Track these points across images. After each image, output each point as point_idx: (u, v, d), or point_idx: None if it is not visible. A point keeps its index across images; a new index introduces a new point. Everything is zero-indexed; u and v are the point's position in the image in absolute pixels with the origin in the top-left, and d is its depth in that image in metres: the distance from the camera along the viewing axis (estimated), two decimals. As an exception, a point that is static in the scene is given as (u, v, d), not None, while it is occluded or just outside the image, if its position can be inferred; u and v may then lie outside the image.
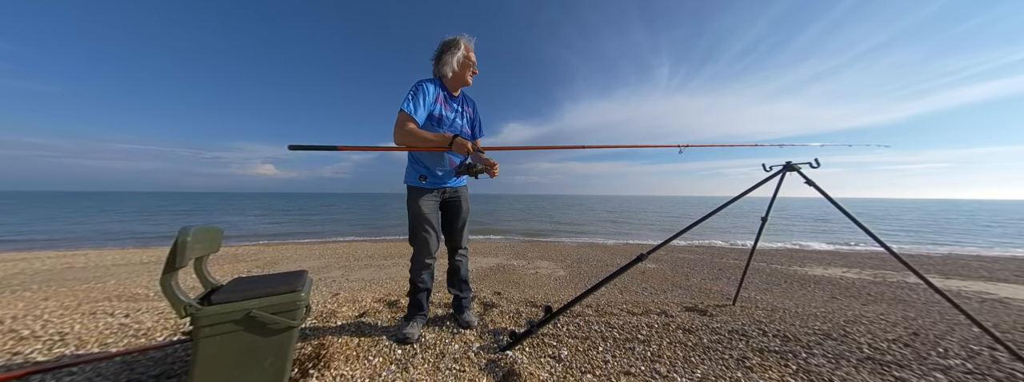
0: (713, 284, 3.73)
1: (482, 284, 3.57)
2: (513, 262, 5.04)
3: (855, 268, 4.78)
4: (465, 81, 1.40)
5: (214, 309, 0.90)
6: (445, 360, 1.23)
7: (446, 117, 1.36)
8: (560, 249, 6.67)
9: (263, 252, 5.88)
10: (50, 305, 2.20)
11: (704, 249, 6.76)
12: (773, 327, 1.60)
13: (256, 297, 0.96)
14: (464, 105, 1.44)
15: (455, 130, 1.40)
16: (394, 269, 4.38)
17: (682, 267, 4.75)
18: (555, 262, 5.11)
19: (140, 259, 4.90)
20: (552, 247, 7.00)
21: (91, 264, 4.44)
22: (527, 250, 6.33)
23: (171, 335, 1.53)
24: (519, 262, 5.05)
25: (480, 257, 5.38)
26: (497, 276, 4.09)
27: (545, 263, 5.02)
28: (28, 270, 3.93)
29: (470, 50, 1.36)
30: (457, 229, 1.52)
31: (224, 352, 0.91)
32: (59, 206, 24.99)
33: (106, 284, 3.20)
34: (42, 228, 10.93)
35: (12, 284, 3.22)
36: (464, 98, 1.46)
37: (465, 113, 1.44)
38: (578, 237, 9.69)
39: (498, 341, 1.41)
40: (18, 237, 8.91)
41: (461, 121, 1.42)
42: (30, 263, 4.41)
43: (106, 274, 3.78)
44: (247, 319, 0.93)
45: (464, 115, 1.44)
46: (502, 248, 6.59)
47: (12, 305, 2.22)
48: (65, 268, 4.11)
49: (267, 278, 1.12)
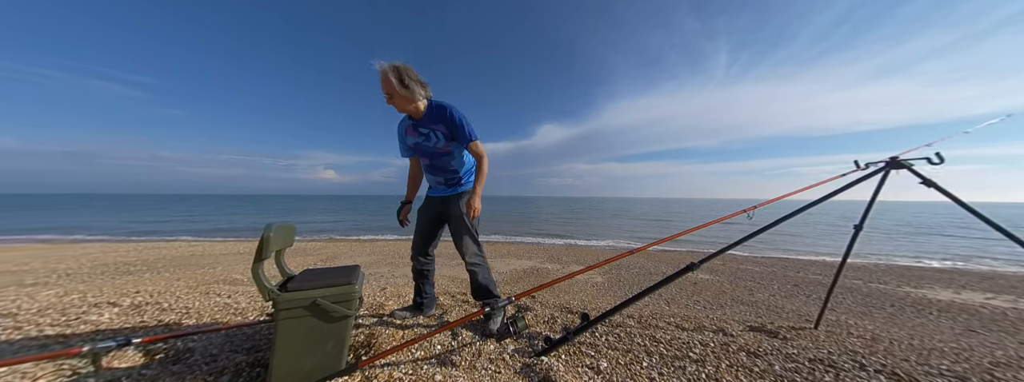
0: (787, 302, 3.21)
1: (515, 287, 3.58)
2: (547, 265, 4.95)
3: (1006, 294, 3.67)
4: (403, 110, 1.43)
5: (290, 296, 1.05)
6: (481, 359, 1.26)
7: (418, 144, 1.53)
8: (597, 254, 6.38)
9: (325, 247, 6.67)
10: (180, 285, 2.78)
11: (774, 261, 5.86)
12: (875, 360, 1.32)
13: (320, 287, 1.10)
14: (432, 124, 1.47)
15: (426, 151, 1.54)
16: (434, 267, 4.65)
17: (744, 280, 4.18)
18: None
19: (237, 250, 5.95)
20: (588, 252, 6.72)
21: (206, 253, 5.52)
22: (561, 254, 6.17)
23: (259, 315, 1.83)
24: (553, 266, 4.95)
25: (513, 259, 5.40)
26: (530, 279, 4.07)
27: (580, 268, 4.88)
28: (166, 256, 5.04)
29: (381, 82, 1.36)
30: (455, 240, 1.59)
31: (297, 333, 1.06)
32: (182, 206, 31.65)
33: (215, 270, 3.93)
34: (171, 222, 13.98)
35: (157, 266, 4.17)
36: (431, 115, 1.46)
37: (434, 131, 1.48)
38: (616, 241, 9.16)
39: (533, 345, 1.40)
40: (156, 229, 11.52)
41: (432, 141, 1.49)
42: (167, 250, 5.66)
43: (215, 261, 4.65)
44: (313, 306, 1.07)
45: (433, 134, 1.48)
46: (536, 251, 6.53)
47: (156, 283, 2.87)
48: (189, 255, 5.17)
49: (328, 271, 1.27)
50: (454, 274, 4.10)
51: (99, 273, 3.64)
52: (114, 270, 3.82)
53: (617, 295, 3.38)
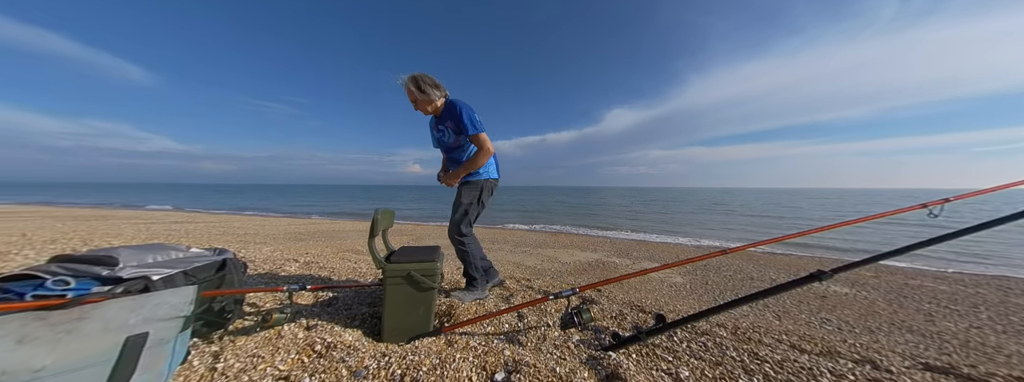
0: (1008, 340, 2.14)
1: (578, 278, 3.49)
2: (615, 260, 4.62)
3: None
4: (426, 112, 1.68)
5: (393, 266, 1.31)
6: (546, 343, 1.31)
7: (438, 139, 1.81)
8: (676, 251, 5.60)
9: (414, 230, 7.92)
10: (327, 251, 3.80)
11: (980, 279, 3.96)
12: None
13: (413, 262, 1.33)
14: (445, 120, 1.68)
15: (443, 145, 1.81)
16: (500, 253, 4.87)
17: (915, 300, 2.99)
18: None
19: (359, 227, 7.67)
20: (664, 248, 5.94)
21: (340, 229, 7.33)
22: (632, 249, 5.64)
23: (374, 279, 2.35)
24: (622, 260, 4.59)
25: (577, 251, 5.23)
26: (595, 272, 3.89)
27: (655, 265, 4.33)
28: (319, 230, 6.91)
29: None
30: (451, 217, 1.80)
31: (398, 297, 1.32)
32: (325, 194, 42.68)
33: (346, 242, 5.20)
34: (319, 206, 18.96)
35: (315, 236, 5.78)
36: (444, 113, 1.67)
37: (446, 127, 1.69)
38: (701, 239, 7.69)
39: (598, 339, 1.38)
40: (310, 210, 15.86)
41: (446, 136, 1.72)
42: (318, 226, 7.76)
43: (346, 235, 6.14)
44: (408, 276, 1.31)
45: (446, 131, 1.70)
46: (601, 244, 6.10)
47: (314, 249, 3.99)
48: (331, 230, 6.97)
49: (418, 249, 1.53)
50: (519, 260, 4.28)
51: (285, 238, 5.30)
52: (293, 238, 5.49)
53: (702, 300, 2.93)
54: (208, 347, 1.14)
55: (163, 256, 1.20)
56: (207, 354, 1.10)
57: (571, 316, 1.24)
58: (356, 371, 1.01)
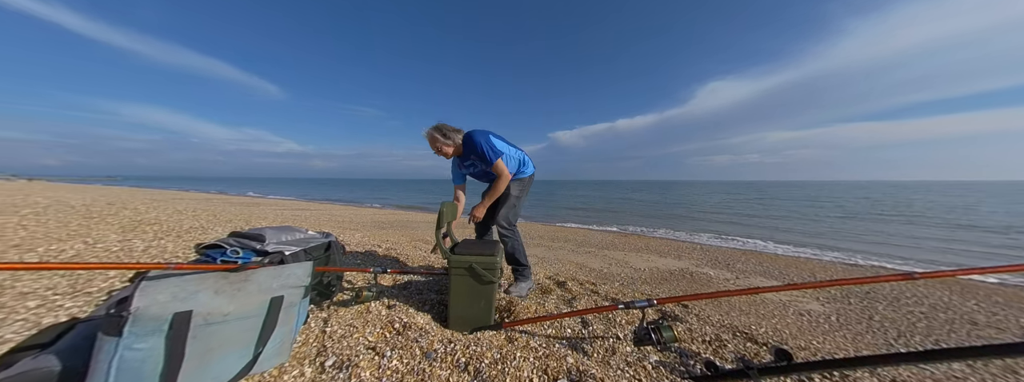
0: None
1: (656, 288, 2.99)
2: (707, 271, 3.76)
3: None
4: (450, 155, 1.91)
5: (457, 257, 1.41)
6: (615, 358, 1.23)
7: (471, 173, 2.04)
8: (813, 268, 4.12)
9: (478, 223, 8.42)
10: (402, 240, 4.33)
11: None
12: None
13: (474, 255, 1.40)
14: (469, 155, 1.87)
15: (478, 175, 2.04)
16: (561, 252, 4.66)
17: None
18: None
19: (427, 219, 8.54)
20: (792, 262, 4.47)
21: (412, 219, 8.27)
22: (734, 259, 4.45)
23: (441, 269, 2.58)
24: (719, 273, 3.67)
25: (654, 256, 4.60)
26: (679, 284, 3.25)
27: (772, 283, 3.36)
28: (395, 219, 7.94)
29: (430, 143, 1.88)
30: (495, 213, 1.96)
31: (462, 287, 1.41)
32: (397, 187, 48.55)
33: (417, 231, 5.84)
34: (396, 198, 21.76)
35: (394, 225, 6.66)
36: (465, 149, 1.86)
37: (473, 160, 1.88)
38: (853, 255, 5.24)
39: (685, 365, 1.21)
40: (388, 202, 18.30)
41: (477, 167, 1.93)
42: (395, 216, 8.91)
43: (417, 226, 6.89)
44: (470, 269, 1.38)
45: (474, 163, 1.90)
46: (688, 250, 5.08)
47: (392, 236, 4.59)
48: (406, 220, 7.92)
49: (480, 243, 1.60)
50: (582, 261, 4.08)
51: (371, 226, 6.25)
52: (377, 226, 6.44)
53: (861, 340, 1.96)
54: (320, 313, 1.42)
55: (290, 236, 1.53)
56: (319, 319, 1.37)
57: (648, 331, 1.10)
58: (427, 352, 1.12)
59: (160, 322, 0.86)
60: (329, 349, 1.15)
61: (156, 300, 0.87)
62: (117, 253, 2.46)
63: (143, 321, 0.84)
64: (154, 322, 0.86)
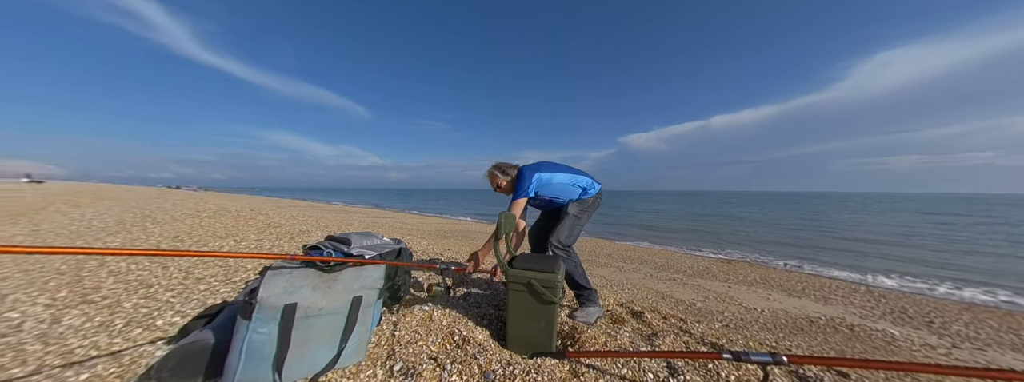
0: None
1: (787, 340, 2.21)
2: (886, 327, 2.61)
3: None
4: (508, 191, 1.89)
5: (514, 271, 1.35)
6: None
7: (533, 204, 1.97)
8: None
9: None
10: (463, 249, 4.52)
11: None
12: None
13: (532, 271, 1.33)
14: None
15: (539, 206, 2.05)
16: (635, 275, 4.00)
17: None
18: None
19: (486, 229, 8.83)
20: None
21: (470, 229, 8.68)
22: (946, 315, 2.98)
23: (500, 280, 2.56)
24: (913, 334, 2.51)
25: (780, 294, 3.41)
26: (831, 340, 2.27)
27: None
28: (454, 229, 8.45)
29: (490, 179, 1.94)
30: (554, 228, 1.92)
31: (520, 304, 1.34)
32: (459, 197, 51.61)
33: (477, 242, 6.05)
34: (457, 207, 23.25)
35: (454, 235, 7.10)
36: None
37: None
38: None
39: None
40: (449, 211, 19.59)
41: (537, 199, 1.90)
42: (456, 226, 9.50)
43: (477, 236, 7.16)
44: (528, 285, 1.31)
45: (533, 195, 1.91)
46: (845, 291, 3.59)
47: (454, 246, 4.86)
48: (464, 230, 8.35)
49: (539, 258, 1.52)
50: (665, 289, 3.41)
51: (436, 235, 6.76)
52: (441, 234, 6.95)
53: None
54: (391, 317, 1.53)
55: (369, 241, 1.72)
56: (389, 322, 1.47)
57: None
58: (486, 372, 1.08)
59: (275, 311, 1.03)
60: (397, 354, 1.21)
61: (273, 291, 1.05)
62: (252, 249, 3.20)
63: (265, 309, 1.01)
64: (272, 310, 1.02)
